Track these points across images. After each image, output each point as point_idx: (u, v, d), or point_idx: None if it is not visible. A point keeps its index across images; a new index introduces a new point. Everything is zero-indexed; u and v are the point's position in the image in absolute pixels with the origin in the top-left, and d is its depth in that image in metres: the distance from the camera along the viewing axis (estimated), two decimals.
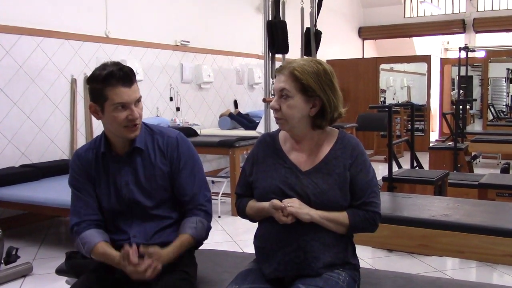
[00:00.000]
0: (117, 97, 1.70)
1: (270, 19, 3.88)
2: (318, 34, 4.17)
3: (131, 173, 1.82)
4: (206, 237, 1.86)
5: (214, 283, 1.89)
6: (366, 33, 11.68)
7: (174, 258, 1.74)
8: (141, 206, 1.81)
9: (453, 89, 10.69)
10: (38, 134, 4.67)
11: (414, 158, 4.51)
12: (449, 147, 5.64)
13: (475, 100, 9.37)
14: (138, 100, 1.76)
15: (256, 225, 1.79)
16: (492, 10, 10.51)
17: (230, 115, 6.66)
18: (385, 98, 10.83)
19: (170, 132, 1.90)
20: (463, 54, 7.30)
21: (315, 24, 4.13)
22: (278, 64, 2.92)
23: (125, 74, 1.71)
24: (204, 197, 1.88)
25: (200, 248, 1.94)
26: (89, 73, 5.68)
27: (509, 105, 10.83)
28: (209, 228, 1.87)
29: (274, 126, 2.51)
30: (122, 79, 1.70)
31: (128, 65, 1.77)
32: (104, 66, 1.73)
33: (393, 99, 11.39)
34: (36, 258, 3.62)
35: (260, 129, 5.69)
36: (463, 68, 7.21)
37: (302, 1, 4.10)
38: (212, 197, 1.99)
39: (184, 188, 1.84)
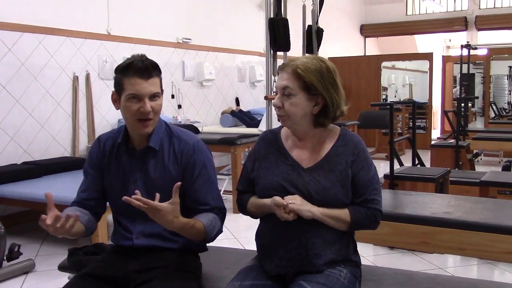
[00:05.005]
0: (131, 88, 1.70)
1: (271, 16, 3.88)
2: (320, 32, 4.15)
3: (142, 171, 1.80)
4: (213, 239, 1.78)
5: (216, 280, 1.89)
6: (368, 30, 11.66)
7: (180, 229, 1.64)
8: None
9: (455, 86, 10.68)
10: (40, 132, 4.68)
11: (415, 155, 4.51)
12: (451, 145, 5.64)
13: (477, 97, 9.35)
14: (154, 95, 1.73)
15: (257, 222, 1.79)
16: (494, 7, 10.49)
17: (232, 113, 6.67)
18: (386, 96, 10.82)
19: (189, 138, 1.83)
20: (465, 52, 7.28)
21: (317, 22, 4.12)
22: (279, 61, 2.93)
23: (144, 66, 1.70)
24: (223, 206, 1.83)
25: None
26: (91, 71, 5.69)
27: (511, 102, 10.82)
28: (219, 232, 1.80)
29: (275, 124, 2.51)
30: (140, 70, 1.69)
31: None
32: (131, 57, 1.74)
33: (395, 96, 11.40)
34: (39, 255, 3.64)
35: (262, 128, 5.69)
36: (465, 66, 7.18)
37: None
38: None
39: (199, 197, 1.78)
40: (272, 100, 1.89)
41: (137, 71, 1.69)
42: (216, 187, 1.84)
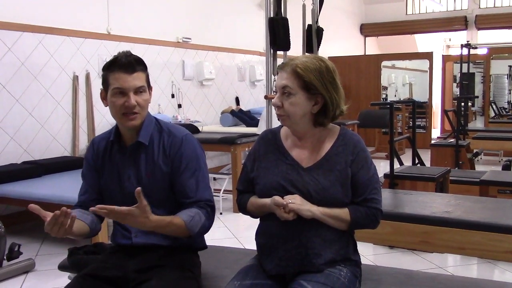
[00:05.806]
0: (115, 82, 1.71)
1: (271, 15, 3.88)
2: (319, 31, 4.16)
3: (134, 167, 1.80)
4: (197, 234, 1.74)
5: (215, 279, 1.89)
6: (368, 30, 11.66)
7: (155, 227, 1.63)
8: None
9: (455, 81, 10.67)
10: (40, 131, 4.68)
11: (415, 155, 4.50)
12: (451, 144, 5.65)
13: (477, 97, 9.34)
14: (139, 89, 1.74)
15: (257, 222, 1.79)
16: (494, 7, 10.49)
17: (232, 112, 6.67)
18: (386, 95, 10.82)
19: (178, 131, 1.83)
20: (465, 51, 7.28)
21: (317, 21, 4.12)
22: (279, 61, 2.93)
23: (128, 61, 1.71)
24: (209, 199, 1.80)
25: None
26: (91, 70, 5.68)
27: (511, 102, 10.82)
28: (204, 227, 1.75)
29: (275, 123, 2.51)
30: (124, 65, 1.71)
31: None
32: (117, 54, 1.75)
33: (395, 96, 11.39)
34: (39, 254, 3.64)
35: (262, 129, 5.69)
36: (465, 65, 7.19)
37: None
38: (214, 194, 1.97)
39: (185, 190, 1.76)
40: (272, 100, 1.89)
41: (121, 66, 1.71)
42: (204, 180, 1.81)
